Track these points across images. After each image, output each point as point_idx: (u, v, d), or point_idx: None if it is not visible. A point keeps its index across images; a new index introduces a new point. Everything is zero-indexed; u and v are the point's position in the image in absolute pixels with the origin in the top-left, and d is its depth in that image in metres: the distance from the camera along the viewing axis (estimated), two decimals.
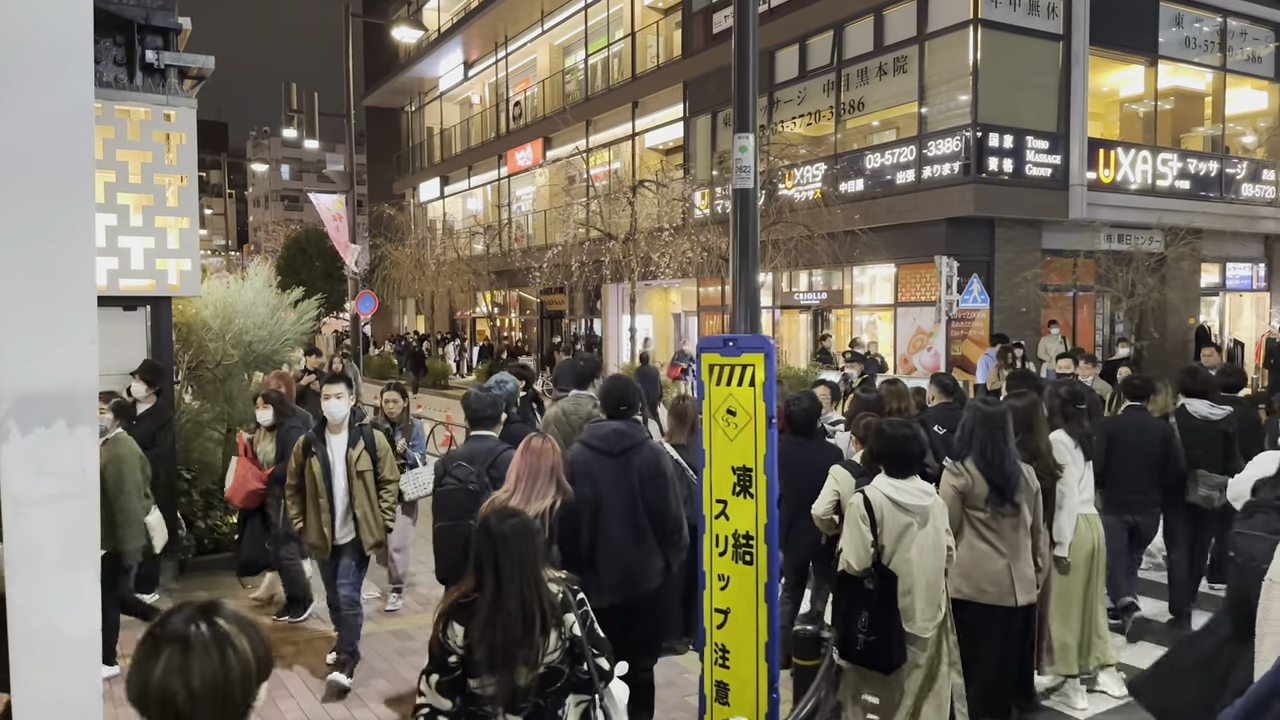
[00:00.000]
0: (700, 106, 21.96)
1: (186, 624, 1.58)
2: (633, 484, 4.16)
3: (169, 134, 6.87)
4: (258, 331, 8.11)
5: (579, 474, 4.16)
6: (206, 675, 1.54)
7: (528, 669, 2.59)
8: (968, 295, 12.03)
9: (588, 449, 4.29)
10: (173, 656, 1.54)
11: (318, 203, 14.01)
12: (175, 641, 1.56)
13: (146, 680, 1.54)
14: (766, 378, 3.31)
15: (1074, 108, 16.38)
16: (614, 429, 4.29)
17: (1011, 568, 4.17)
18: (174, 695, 1.52)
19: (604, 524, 4.15)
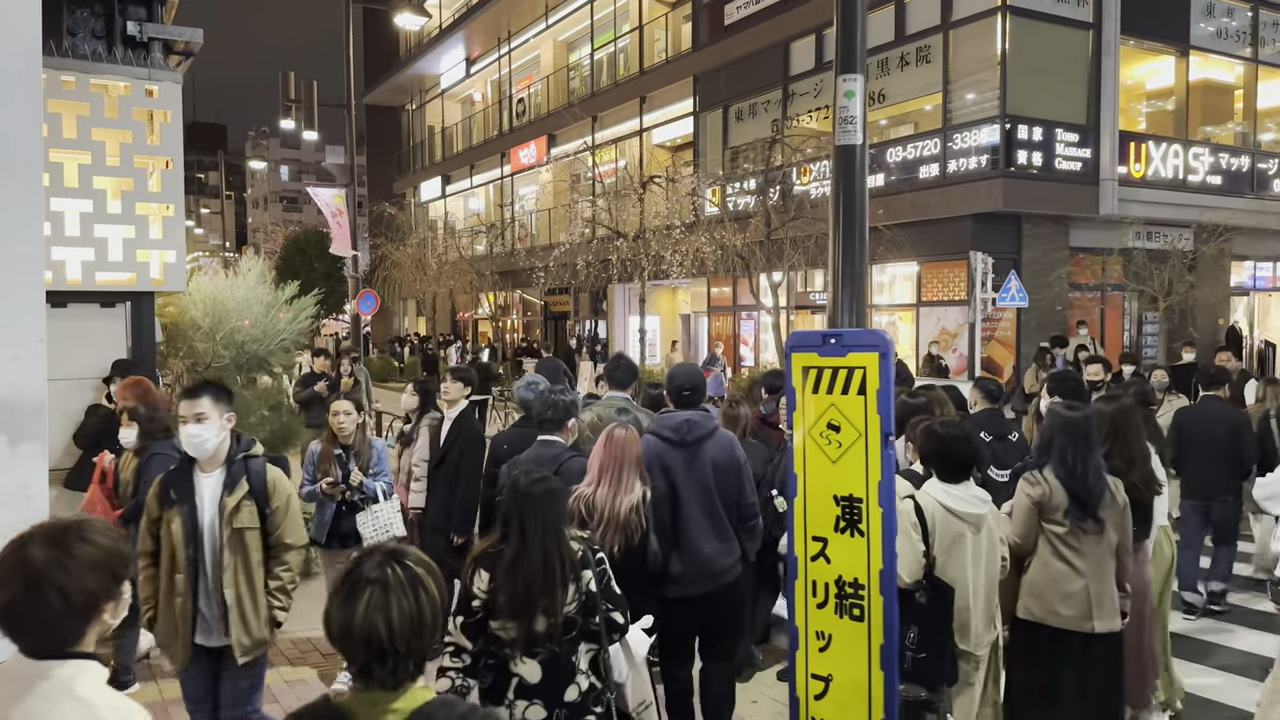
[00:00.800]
0: (711, 101, 21.30)
1: (382, 567, 1.72)
2: (707, 474, 4.11)
3: (151, 112, 6.21)
4: (250, 331, 7.44)
5: (652, 466, 4.07)
6: (404, 612, 1.69)
7: (546, 618, 2.83)
8: (1005, 293, 11.37)
9: (659, 440, 4.19)
10: (374, 595, 1.68)
11: (316, 197, 13.33)
12: (375, 583, 1.70)
13: (350, 618, 1.68)
14: (882, 383, 2.64)
15: (1104, 99, 15.73)
16: (685, 419, 4.20)
17: (1091, 590, 3.74)
18: (377, 631, 1.67)
19: (682, 516, 4.10)
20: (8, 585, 1.65)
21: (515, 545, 2.86)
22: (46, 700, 1.66)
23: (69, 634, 1.70)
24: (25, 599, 1.65)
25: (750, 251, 15.76)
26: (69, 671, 1.69)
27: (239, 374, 7.75)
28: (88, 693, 1.69)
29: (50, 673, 1.68)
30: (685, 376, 4.43)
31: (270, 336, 7.47)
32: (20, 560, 1.66)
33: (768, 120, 19.50)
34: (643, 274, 18.51)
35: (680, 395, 4.35)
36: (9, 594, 1.65)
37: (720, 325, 22.26)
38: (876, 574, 2.67)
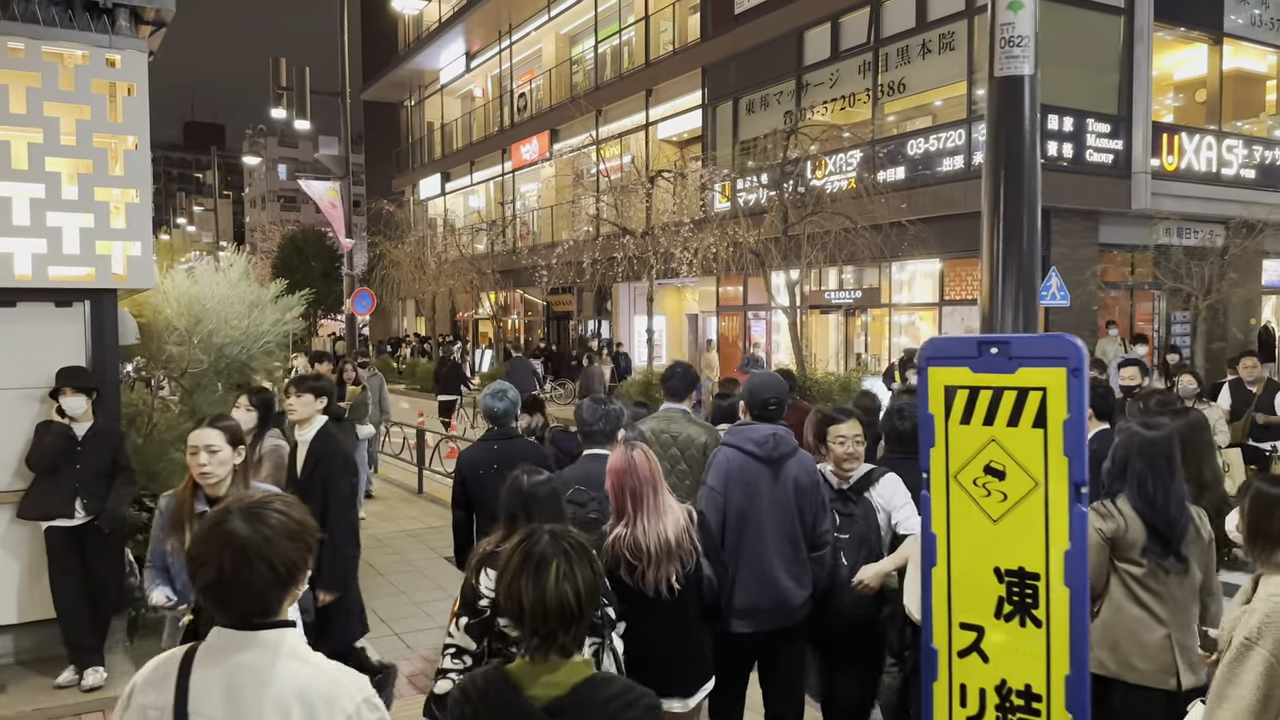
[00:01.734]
0: (720, 92, 20.55)
1: (556, 540, 1.95)
2: (789, 495, 3.75)
3: (113, 85, 5.46)
4: (230, 332, 6.70)
5: (733, 481, 3.73)
6: (586, 580, 1.92)
7: None
8: (1045, 291, 10.65)
9: (740, 454, 3.79)
10: (560, 566, 1.90)
11: (310, 190, 12.61)
12: (560, 555, 1.92)
13: (543, 591, 1.87)
14: (1072, 411, 1.88)
15: (1137, 88, 15.01)
16: (771, 432, 3.82)
17: (1174, 639, 3.22)
18: (568, 599, 1.88)
19: (758, 540, 3.71)
20: (216, 558, 1.71)
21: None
22: (270, 664, 1.72)
23: (274, 602, 1.76)
24: (235, 571, 1.70)
25: (765, 248, 15.03)
26: (281, 637, 1.77)
27: (219, 380, 7.01)
28: (307, 653, 1.78)
29: (262, 640, 1.74)
30: (771, 388, 3.97)
31: (252, 339, 6.73)
32: (226, 534, 1.71)
33: (780, 112, 18.74)
34: (651, 272, 17.77)
35: (766, 408, 3.92)
36: (218, 567, 1.70)
37: (727, 325, 21.52)
38: (1061, 681, 1.91)
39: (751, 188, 17.40)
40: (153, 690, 1.77)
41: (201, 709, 1.72)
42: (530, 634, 1.90)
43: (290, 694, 1.71)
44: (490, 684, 1.94)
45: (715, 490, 3.78)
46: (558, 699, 1.88)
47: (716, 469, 3.82)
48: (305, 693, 1.72)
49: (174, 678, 1.76)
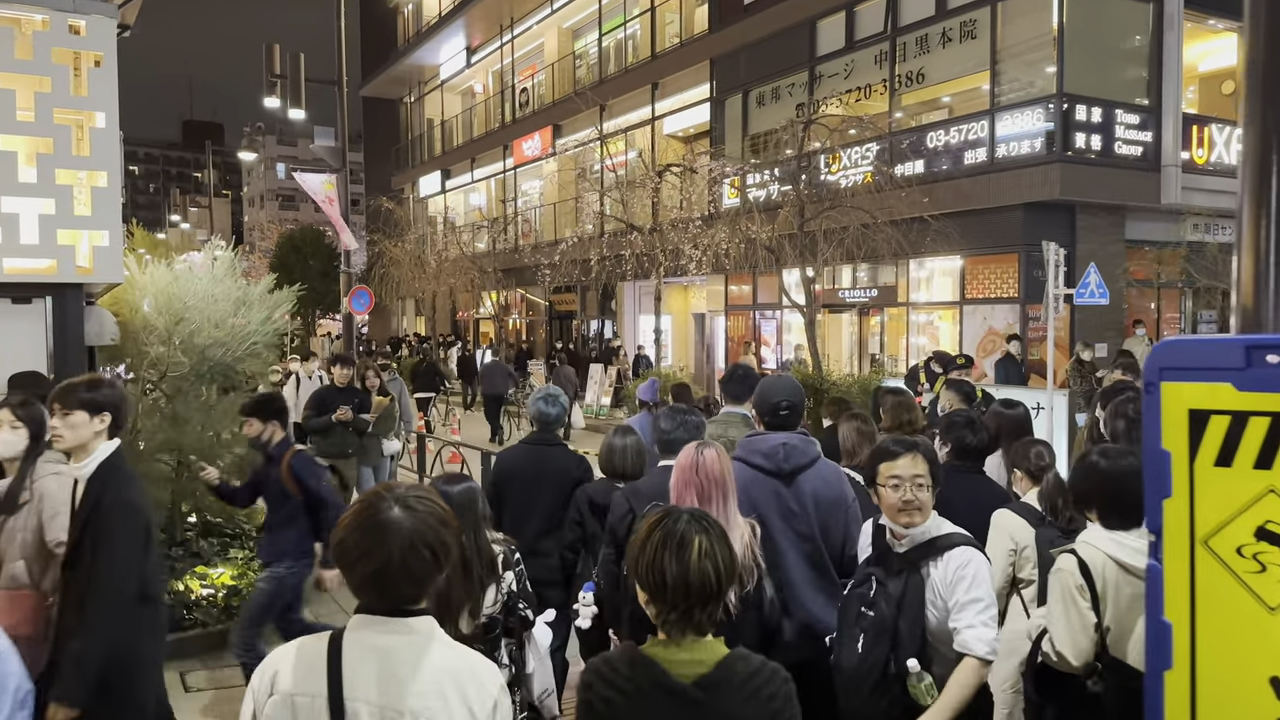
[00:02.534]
0: (730, 85, 19.95)
1: (694, 519, 2.01)
2: (808, 512, 3.37)
3: (77, 54, 4.87)
4: (214, 332, 6.10)
5: (744, 498, 3.28)
6: (726, 558, 1.98)
7: (470, 619, 2.93)
8: (1083, 288, 10.06)
9: (747, 467, 3.42)
10: (702, 543, 1.96)
11: (305, 183, 12.01)
12: (701, 533, 1.97)
13: (686, 568, 1.93)
14: None
15: (1166, 78, 14.41)
16: (781, 442, 3.43)
17: None
18: (709, 577, 1.93)
19: (779, 565, 3.32)
20: (381, 548, 1.72)
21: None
22: (423, 649, 1.75)
23: (429, 587, 1.81)
24: (402, 559, 1.72)
25: (779, 245, 14.43)
26: (430, 622, 1.80)
27: (201, 385, 6.41)
28: (449, 640, 1.82)
29: (413, 625, 1.77)
30: (781, 389, 3.57)
31: (237, 339, 6.13)
32: (386, 523, 1.73)
33: (792, 105, 18.16)
34: (659, 270, 17.17)
35: (776, 413, 3.53)
36: (385, 556, 1.72)
37: (735, 325, 20.91)
38: None
39: (762, 183, 16.80)
40: (300, 679, 1.76)
41: (357, 694, 1.72)
42: (669, 609, 1.95)
43: (445, 677, 1.74)
44: (631, 665, 1.95)
45: None
46: (704, 676, 1.92)
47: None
48: (457, 675, 1.75)
49: (324, 665, 1.75)
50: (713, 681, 1.91)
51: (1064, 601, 2.77)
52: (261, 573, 4.92)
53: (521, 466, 4.60)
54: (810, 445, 3.50)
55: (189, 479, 6.40)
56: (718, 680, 1.92)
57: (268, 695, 1.77)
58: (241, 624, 4.85)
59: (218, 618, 5.72)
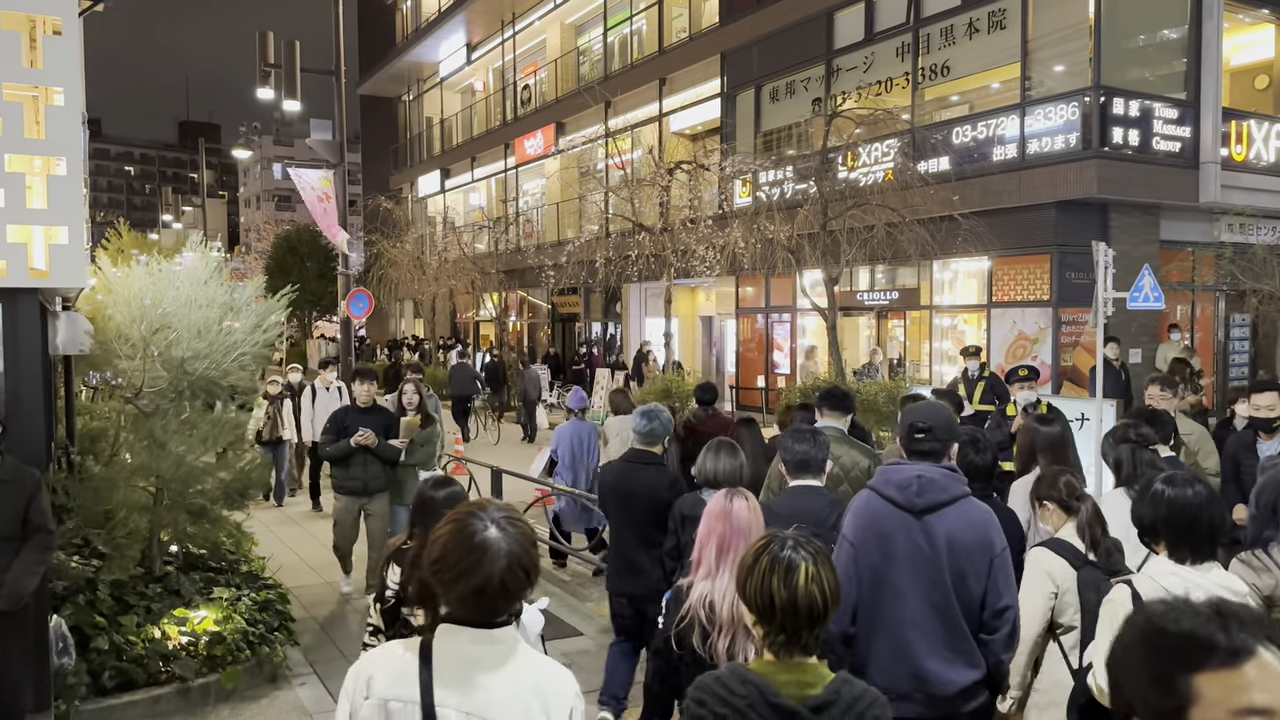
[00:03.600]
0: (741, 80, 19.26)
1: (798, 545, 2.08)
2: (939, 555, 3.05)
3: (31, 19, 4.17)
4: (195, 343, 5.39)
5: (867, 531, 3.13)
6: (831, 583, 2.05)
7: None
8: (1136, 291, 9.36)
9: (879, 499, 3.17)
10: (808, 569, 2.03)
11: (299, 179, 11.29)
12: (808, 558, 2.05)
13: (794, 592, 2.00)
14: None
15: (1205, 70, 13.73)
16: (917, 475, 3.12)
17: None
18: (816, 600, 2.01)
19: (887, 605, 3.09)
20: (481, 568, 1.81)
21: (418, 542, 2.93)
22: (508, 658, 1.86)
23: (518, 604, 1.95)
24: (501, 579, 1.82)
25: (799, 245, 13.75)
26: (515, 634, 1.91)
27: (182, 401, 5.70)
28: (530, 650, 1.93)
29: (499, 636, 1.87)
30: (924, 413, 3.23)
31: (221, 351, 5.42)
32: (485, 544, 1.83)
33: (808, 100, 17.50)
34: (669, 271, 16.47)
35: (913, 439, 3.19)
36: (486, 575, 1.81)
37: (744, 328, 20.19)
38: None
39: (777, 181, 16.10)
40: (393, 683, 1.84)
41: (447, 701, 1.80)
42: (778, 631, 2.02)
43: (528, 686, 1.83)
44: (742, 683, 2.01)
45: (848, 540, 3.17)
46: (814, 697, 1.99)
47: (853, 515, 3.21)
48: (539, 684, 1.85)
49: (415, 673, 1.83)
50: (822, 703, 1.99)
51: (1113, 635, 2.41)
52: None
53: (616, 483, 4.76)
54: (953, 481, 3.12)
55: (170, 505, 5.70)
56: (831, 702, 1.99)
57: (363, 698, 1.86)
58: None
59: (198, 670, 5.01)
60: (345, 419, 6.77)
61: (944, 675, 3.02)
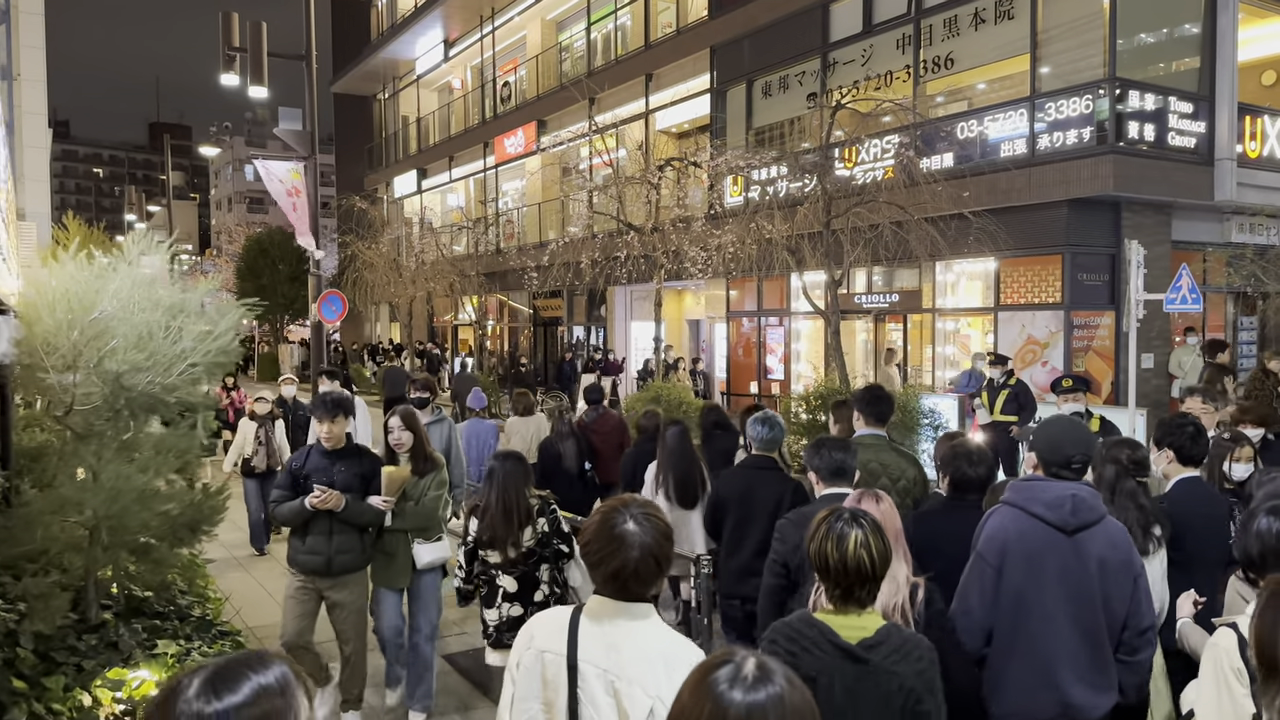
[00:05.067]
0: (732, 75, 18.57)
1: (854, 517, 2.44)
2: (1090, 577, 2.93)
3: None
4: (134, 354, 4.57)
5: (1012, 552, 2.95)
6: (879, 549, 2.40)
7: (514, 548, 4.29)
8: (1173, 293, 8.71)
9: (1026, 516, 2.99)
10: (859, 534, 2.39)
11: (267, 172, 10.41)
12: (858, 528, 2.41)
13: (844, 555, 2.37)
14: None
15: (1220, 64, 13.19)
16: (1070, 494, 2.98)
17: None
18: (864, 562, 2.38)
19: (1033, 629, 2.94)
20: (620, 554, 2.15)
21: (487, 500, 4.31)
22: (642, 628, 2.16)
23: (655, 588, 2.24)
24: (636, 566, 2.15)
25: (797, 245, 13.06)
26: (649, 609, 2.20)
27: (121, 421, 4.88)
28: (662, 624, 2.20)
29: (637, 609, 2.17)
30: (1074, 440, 3.13)
31: (165, 362, 4.59)
32: (623, 535, 2.16)
33: (802, 95, 16.83)
34: (660, 273, 15.72)
35: (1068, 467, 3.09)
36: (622, 561, 2.15)
37: (735, 332, 19.48)
38: None
39: (771, 180, 15.40)
40: (548, 639, 2.21)
41: (589, 657, 2.14)
42: (834, 586, 2.42)
43: (655, 652, 2.11)
44: (809, 625, 2.42)
45: (986, 561, 3.03)
46: (866, 638, 2.38)
47: (992, 535, 3.06)
48: (665, 651, 2.11)
49: (566, 632, 2.19)
50: (873, 643, 2.38)
51: (1217, 684, 2.48)
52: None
53: (737, 490, 4.77)
54: (1098, 500, 3.07)
55: (109, 545, 4.86)
56: (879, 643, 2.38)
57: (525, 649, 2.25)
58: None
59: None
60: (306, 465, 5.00)
61: (1091, 701, 2.95)
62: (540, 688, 2.19)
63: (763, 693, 1.45)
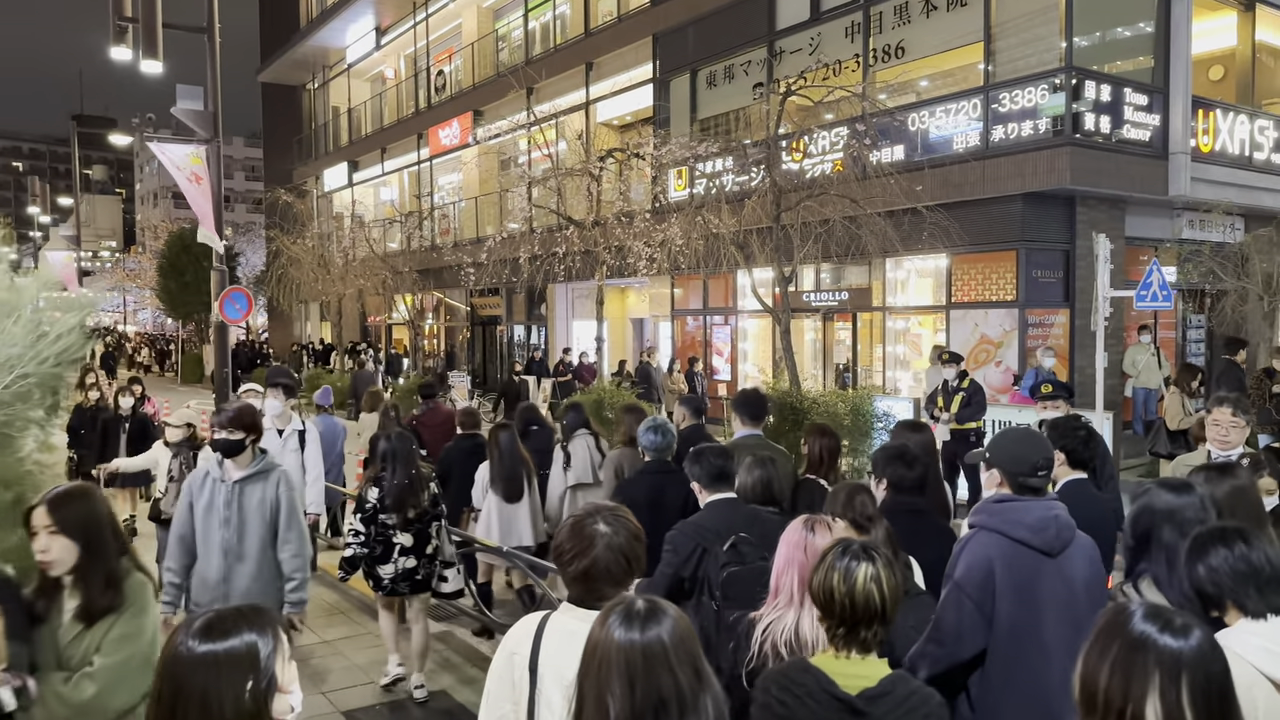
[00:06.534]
0: (676, 64, 17.88)
1: (865, 551, 2.23)
2: (1077, 599, 2.80)
3: None
4: None
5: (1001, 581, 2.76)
6: (891, 585, 2.19)
7: (414, 508, 5.36)
8: (1144, 289, 8.19)
9: (1009, 542, 2.80)
10: (870, 569, 2.19)
11: (163, 155, 9.33)
12: (869, 560, 2.21)
13: (852, 588, 2.17)
14: None
15: (1175, 55, 12.87)
16: (1052, 515, 2.84)
17: None
18: (874, 598, 2.17)
19: (1028, 661, 2.77)
20: (588, 551, 2.21)
21: (390, 471, 5.32)
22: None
23: (623, 588, 2.23)
24: (607, 562, 2.20)
25: (745, 240, 12.42)
26: None
27: None
28: None
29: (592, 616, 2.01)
30: (1037, 448, 2.95)
31: None
32: (594, 533, 2.22)
33: (748, 85, 16.21)
34: (602, 269, 14.95)
35: (1035, 474, 2.88)
36: (592, 559, 2.21)
37: (680, 331, 18.81)
38: None
39: (717, 172, 14.73)
40: (520, 643, 2.26)
41: (548, 660, 2.19)
42: (838, 625, 2.20)
43: None
44: (801, 675, 2.20)
45: (966, 593, 2.77)
46: (869, 689, 2.15)
47: (972, 562, 2.81)
48: None
49: (532, 636, 2.24)
50: (876, 695, 2.14)
51: None
52: None
53: (645, 495, 4.65)
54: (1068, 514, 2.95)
55: None
56: (882, 695, 2.14)
57: (501, 651, 2.31)
58: None
59: None
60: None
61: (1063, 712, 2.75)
62: (509, 689, 2.26)
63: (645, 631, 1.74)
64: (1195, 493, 2.83)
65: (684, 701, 1.70)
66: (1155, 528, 2.75)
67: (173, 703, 1.61)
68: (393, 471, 5.30)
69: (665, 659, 1.70)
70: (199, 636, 1.64)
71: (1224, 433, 4.20)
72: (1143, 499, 2.86)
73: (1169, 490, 2.82)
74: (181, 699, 1.61)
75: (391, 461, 5.32)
